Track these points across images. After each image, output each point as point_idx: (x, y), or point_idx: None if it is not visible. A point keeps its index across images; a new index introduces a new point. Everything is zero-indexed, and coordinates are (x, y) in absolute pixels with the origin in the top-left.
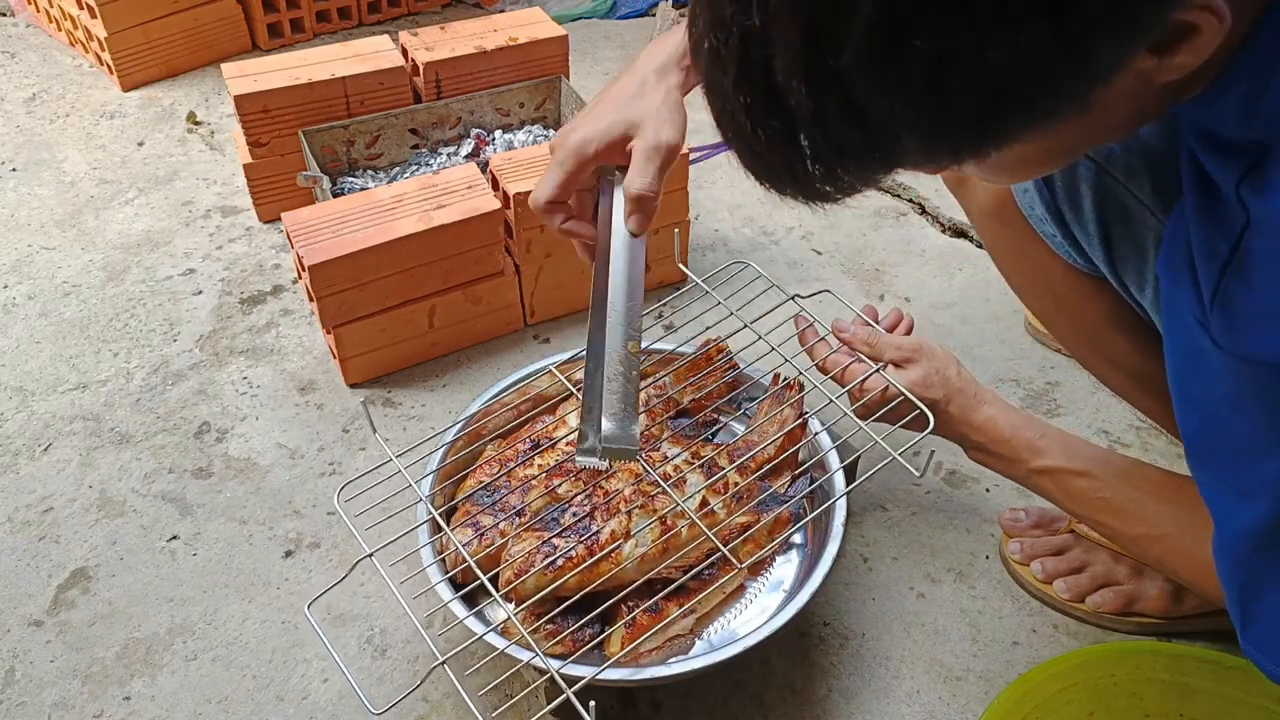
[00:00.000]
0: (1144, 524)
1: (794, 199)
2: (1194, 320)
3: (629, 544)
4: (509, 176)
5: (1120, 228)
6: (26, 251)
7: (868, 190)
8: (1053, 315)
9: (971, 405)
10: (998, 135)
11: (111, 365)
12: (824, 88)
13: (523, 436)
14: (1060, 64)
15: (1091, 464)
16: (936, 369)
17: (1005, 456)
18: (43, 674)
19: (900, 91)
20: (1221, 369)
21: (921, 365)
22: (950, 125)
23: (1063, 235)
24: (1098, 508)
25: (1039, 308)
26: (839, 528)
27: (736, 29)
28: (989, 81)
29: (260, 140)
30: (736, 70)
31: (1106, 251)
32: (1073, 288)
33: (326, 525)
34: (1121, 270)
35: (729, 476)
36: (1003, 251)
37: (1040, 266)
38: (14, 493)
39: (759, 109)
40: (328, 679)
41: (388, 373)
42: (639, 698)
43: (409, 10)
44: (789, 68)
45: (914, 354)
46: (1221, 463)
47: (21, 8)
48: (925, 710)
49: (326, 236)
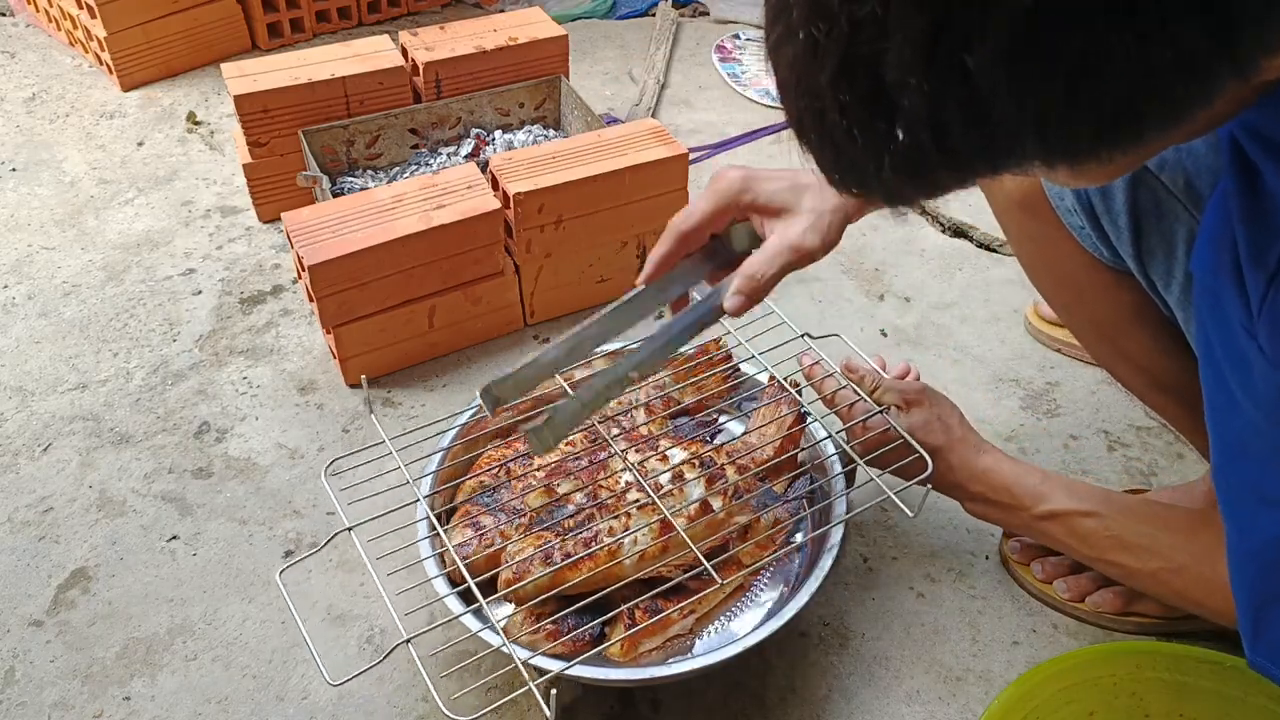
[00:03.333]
0: (1159, 558)
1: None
2: (1239, 326)
3: (628, 541)
4: (509, 176)
5: (1151, 222)
6: (26, 251)
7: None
8: (1072, 308)
9: (971, 455)
10: (1129, 138)
11: (111, 365)
12: (946, 85)
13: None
14: (1215, 60)
15: (1098, 504)
16: (939, 416)
17: (1007, 505)
18: (43, 674)
19: (1036, 91)
20: (1266, 378)
21: (924, 410)
22: (1082, 126)
23: (1091, 227)
24: (1109, 546)
25: (1058, 300)
26: (839, 528)
27: (845, 19)
28: (1141, 79)
29: (260, 140)
30: (838, 65)
31: (1135, 245)
32: (1096, 281)
33: (326, 525)
34: (1149, 265)
35: (729, 476)
36: (1026, 242)
37: (1064, 258)
38: (14, 493)
39: (858, 108)
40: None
41: (388, 373)
42: (639, 698)
43: (409, 10)
44: (906, 63)
45: (918, 398)
46: (1250, 469)
47: (21, 7)
48: (925, 710)
49: (326, 236)
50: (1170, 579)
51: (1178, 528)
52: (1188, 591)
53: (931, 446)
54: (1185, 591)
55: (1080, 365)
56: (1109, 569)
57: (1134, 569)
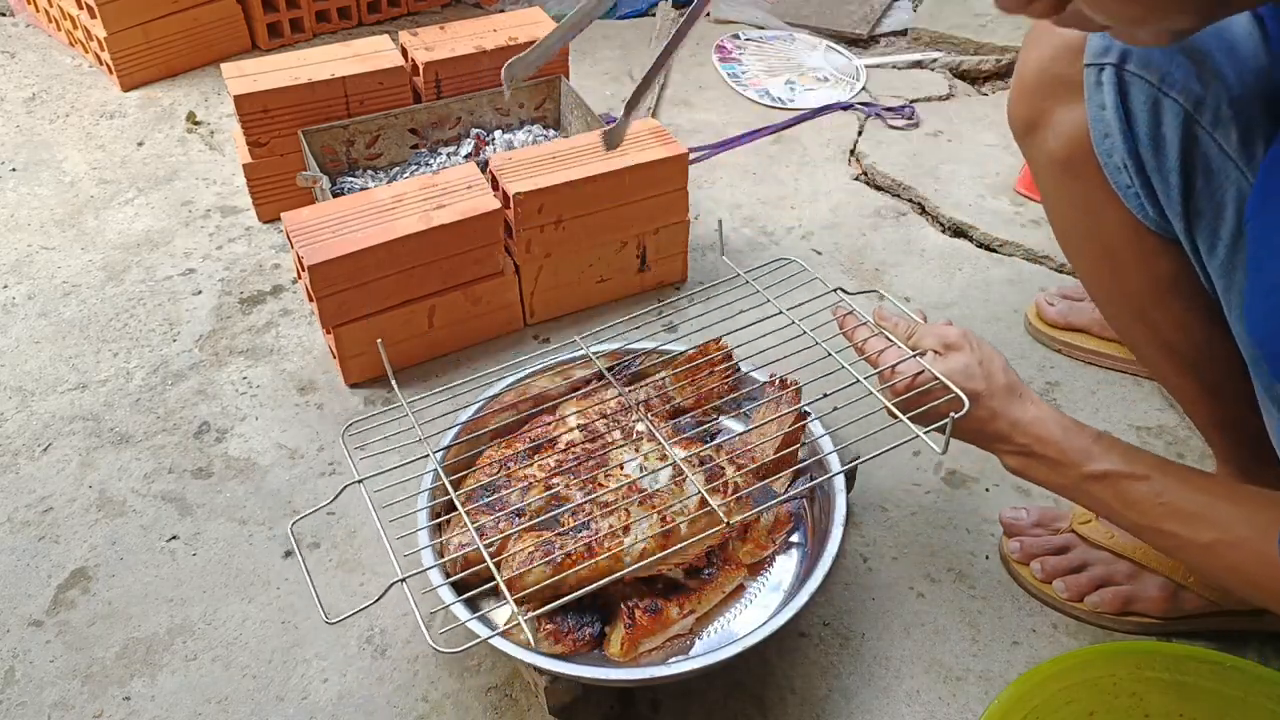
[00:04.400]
0: (1216, 528)
1: None
2: None
3: (629, 540)
4: (509, 176)
5: (1202, 180)
6: (26, 251)
7: None
8: (1104, 277)
9: (1016, 404)
10: None
11: (111, 365)
12: None
13: (522, 436)
14: None
15: (1152, 468)
16: (980, 360)
17: (1054, 460)
18: (43, 674)
19: None
20: None
21: (965, 354)
22: None
23: (1140, 184)
24: (1161, 514)
25: (1088, 268)
26: (839, 528)
27: None
28: None
29: (260, 140)
30: None
31: (1184, 204)
32: (1134, 248)
33: (326, 525)
34: (1195, 227)
35: (729, 476)
36: (1064, 205)
37: (1103, 223)
38: (14, 493)
39: None
40: (327, 679)
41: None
42: (639, 697)
43: (409, 10)
44: None
45: (958, 342)
46: None
47: (21, 7)
48: (925, 710)
49: (326, 236)
50: (1226, 552)
51: (1239, 499)
52: (1243, 566)
53: (971, 392)
54: (1240, 566)
55: (1080, 365)
56: (1158, 539)
57: (1186, 539)
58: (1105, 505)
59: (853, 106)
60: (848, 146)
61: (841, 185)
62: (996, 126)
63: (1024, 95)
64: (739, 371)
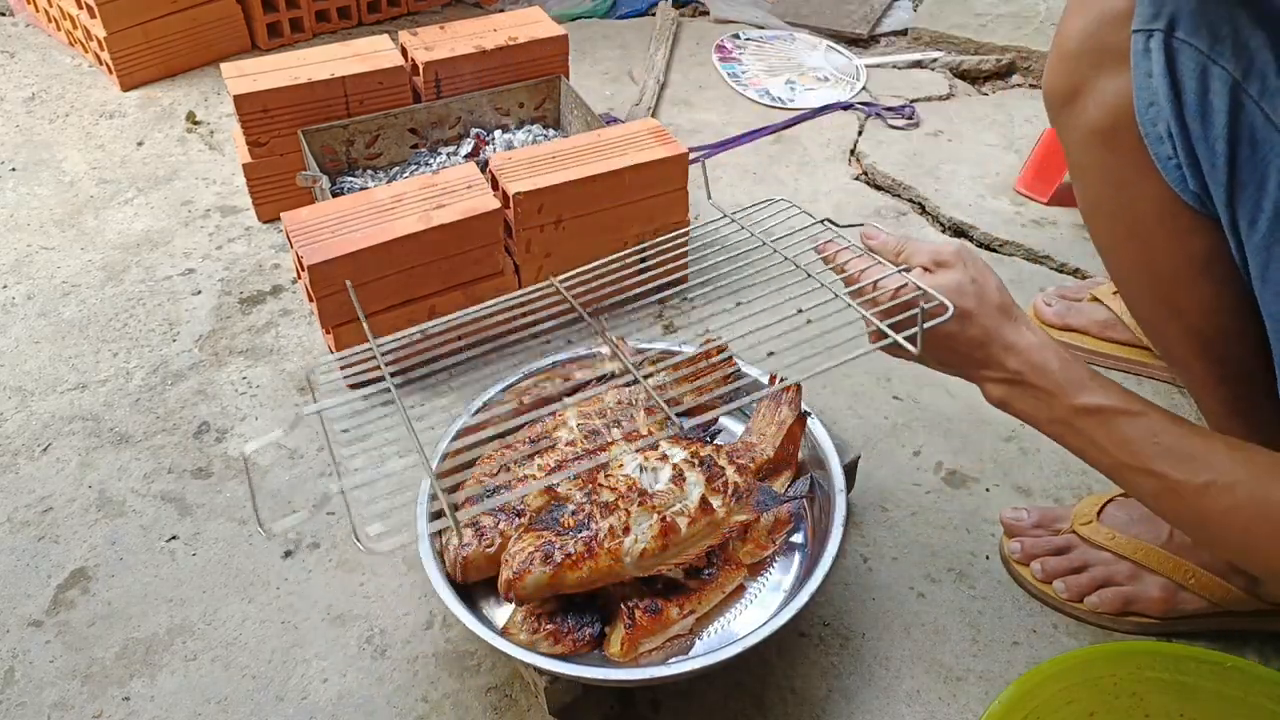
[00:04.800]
0: (1212, 470)
1: None
2: None
3: (629, 540)
4: (508, 176)
5: (1247, 150)
6: (26, 251)
7: None
8: (1131, 255)
9: (1009, 326)
10: None
11: (111, 365)
12: None
13: (522, 436)
14: None
15: (1149, 407)
16: (973, 278)
17: (1043, 390)
18: (42, 674)
19: None
20: None
21: (955, 271)
22: None
23: (1184, 153)
24: (1155, 454)
25: (1115, 245)
26: (839, 528)
27: None
28: None
29: (260, 140)
30: None
31: (1229, 175)
32: (1168, 226)
33: (326, 525)
34: (1237, 201)
35: (729, 476)
36: (1098, 179)
37: (1137, 199)
38: (13, 493)
39: None
40: (327, 679)
41: None
42: (639, 698)
43: (408, 10)
44: None
45: (951, 259)
46: None
47: (21, 7)
48: (925, 710)
49: (326, 236)
50: (1220, 495)
51: (1237, 446)
52: (1236, 511)
53: (962, 310)
54: (1233, 511)
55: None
56: (1147, 482)
57: (1178, 482)
58: (1091, 442)
59: (853, 106)
60: (848, 146)
61: (842, 185)
62: (997, 126)
63: (1064, 63)
64: (739, 372)
